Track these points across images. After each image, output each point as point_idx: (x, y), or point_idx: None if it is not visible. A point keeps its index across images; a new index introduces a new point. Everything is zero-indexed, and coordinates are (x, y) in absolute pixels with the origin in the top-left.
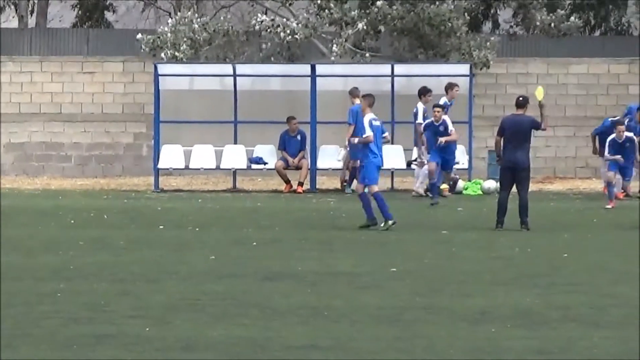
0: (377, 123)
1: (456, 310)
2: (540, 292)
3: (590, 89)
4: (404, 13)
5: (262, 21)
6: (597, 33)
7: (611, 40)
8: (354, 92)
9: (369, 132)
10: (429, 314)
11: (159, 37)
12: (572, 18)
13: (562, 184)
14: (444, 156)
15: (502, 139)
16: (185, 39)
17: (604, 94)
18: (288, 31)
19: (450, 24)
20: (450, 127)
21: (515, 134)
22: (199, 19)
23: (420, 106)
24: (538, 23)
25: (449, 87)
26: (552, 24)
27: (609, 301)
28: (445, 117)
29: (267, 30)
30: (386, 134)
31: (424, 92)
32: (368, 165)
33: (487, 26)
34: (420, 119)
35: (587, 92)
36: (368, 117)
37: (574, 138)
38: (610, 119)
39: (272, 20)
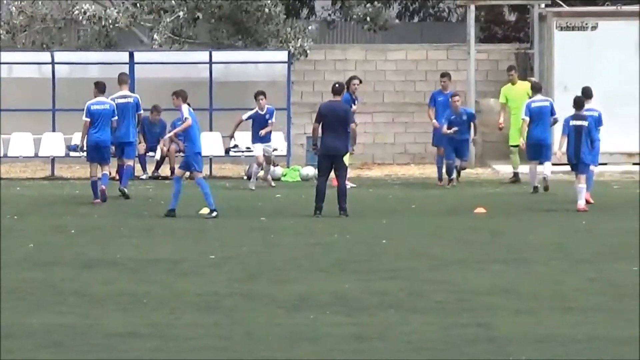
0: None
1: (275, 296)
2: (359, 278)
3: (408, 75)
4: (222, 0)
5: (85, 11)
6: (416, 19)
7: (430, 26)
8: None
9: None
10: (248, 301)
11: None
12: (391, 7)
13: (380, 170)
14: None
15: (320, 126)
16: (2, 23)
17: (422, 80)
18: (110, 20)
19: (267, 11)
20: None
21: (333, 121)
22: (16, 2)
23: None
24: (355, 16)
25: (348, 81)
26: (368, 18)
27: (428, 287)
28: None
29: (89, 20)
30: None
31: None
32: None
33: (305, 13)
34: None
35: (405, 78)
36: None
37: (392, 124)
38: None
39: (93, 8)
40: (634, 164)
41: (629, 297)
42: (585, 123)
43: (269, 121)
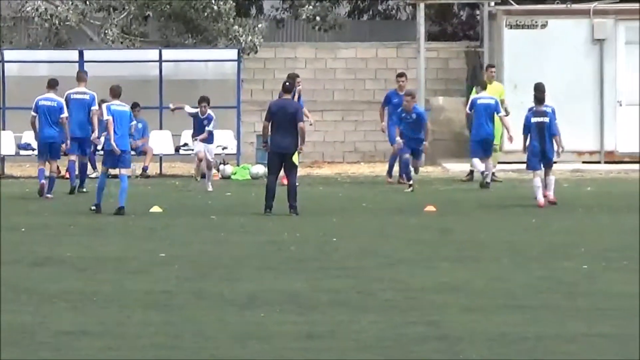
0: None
1: (225, 295)
2: (309, 276)
3: (358, 73)
4: None
5: (37, 8)
6: (365, 18)
7: (379, 24)
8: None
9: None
10: (198, 299)
11: None
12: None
13: (330, 169)
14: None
15: (270, 124)
16: None
17: (372, 78)
18: (60, 18)
19: (217, 9)
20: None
21: (283, 119)
22: None
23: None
24: (304, 17)
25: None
26: (317, 17)
27: (377, 285)
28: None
29: (40, 16)
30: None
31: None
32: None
33: (254, 11)
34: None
35: (355, 77)
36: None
37: (342, 122)
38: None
39: (44, 6)
40: (584, 162)
41: (578, 295)
42: (546, 119)
43: (206, 127)
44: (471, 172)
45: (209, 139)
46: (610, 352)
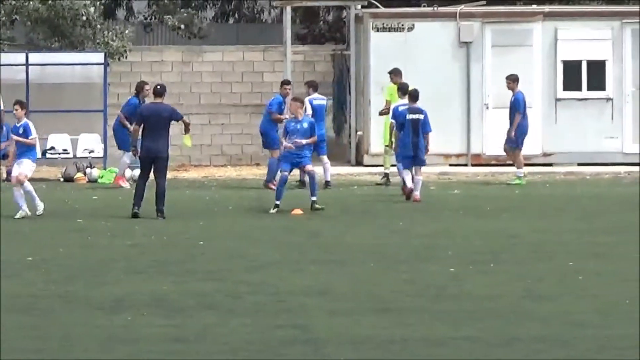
0: None
1: (92, 298)
2: (176, 279)
3: (225, 77)
4: (39, 4)
5: None
6: (232, 21)
7: (246, 27)
8: None
9: None
10: (65, 303)
11: None
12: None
13: (197, 172)
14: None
15: (142, 128)
16: None
17: (238, 81)
18: None
19: (85, 17)
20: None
21: (155, 123)
22: None
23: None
24: (169, 23)
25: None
26: (183, 25)
27: (244, 288)
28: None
29: None
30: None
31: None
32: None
33: (122, 14)
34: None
35: (222, 80)
36: None
37: (209, 126)
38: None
39: None
40: (451, 165)
41: (444, 298)
42: (421, 116)
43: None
44: (386, 174)
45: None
46: (477, 354)
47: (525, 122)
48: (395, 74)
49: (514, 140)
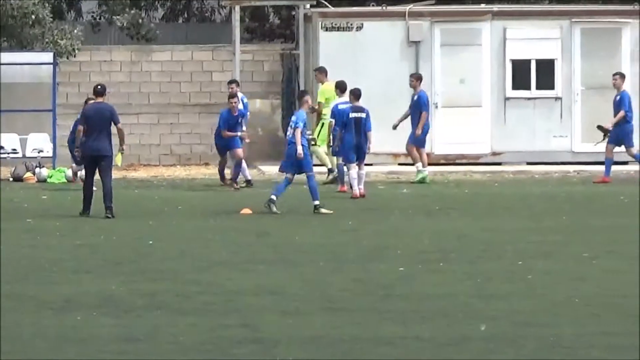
0: None
1: (41, 298)
2: (125, 279)
3: (174, 76)
4: None
5: None
6: (181, 20)
7: (195, 27)
8: None
9: None
10: (14, 303)
11: None
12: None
13: (146, 172)
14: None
15: (85, 127)
16: None
17: (187, 80)
18: None
19: (34, 17)
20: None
21: (97, 122)
22: None
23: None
24: (118, 24)
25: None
26: (131, 27)
27: (194, 288)
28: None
29: None
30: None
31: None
32: None
33: (71, 14)
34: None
35: (170, 79)
36: None
37: (157, 125)
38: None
39: None
40: (400, 164)
41: (393, 297)
42: (363, 115)
43: None
44: (330, 170)
45: None
46: (427, 354)
47: (428, 121)
48: (320, 71)
49: (421, 140)
